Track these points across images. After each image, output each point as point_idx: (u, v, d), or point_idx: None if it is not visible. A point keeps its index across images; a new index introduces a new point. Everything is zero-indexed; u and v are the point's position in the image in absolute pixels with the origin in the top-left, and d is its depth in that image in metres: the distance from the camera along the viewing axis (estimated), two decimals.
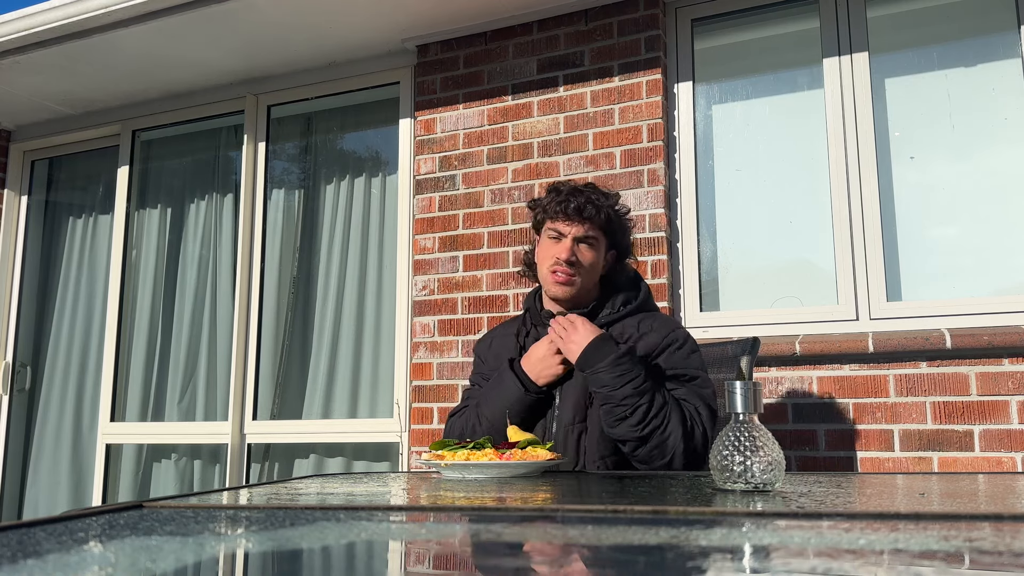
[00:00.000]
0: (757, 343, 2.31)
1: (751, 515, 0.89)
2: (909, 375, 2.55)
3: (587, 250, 1.97)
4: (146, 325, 3.98)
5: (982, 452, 2.46)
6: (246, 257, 3.71)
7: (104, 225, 4.22)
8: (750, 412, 1.15)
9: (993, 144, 2.74)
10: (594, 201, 1.97)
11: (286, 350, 3.71)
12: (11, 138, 4.34)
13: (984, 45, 2.80)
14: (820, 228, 2.87)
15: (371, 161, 3.72)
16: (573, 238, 1.95)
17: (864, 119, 2.82)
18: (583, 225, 1.96)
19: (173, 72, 3.72)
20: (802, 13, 3.02)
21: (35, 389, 4.24)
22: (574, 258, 1.94)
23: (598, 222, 1.97)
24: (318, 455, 3.58)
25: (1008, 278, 2.65)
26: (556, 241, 1.97)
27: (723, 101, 3.09)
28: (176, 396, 3.88)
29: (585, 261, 1.96)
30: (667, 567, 0.63)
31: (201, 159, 4.07)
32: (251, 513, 0.99)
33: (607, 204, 2.00)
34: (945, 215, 2.75)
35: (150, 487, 3.88)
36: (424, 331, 3.22)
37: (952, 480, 1.36)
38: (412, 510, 1.04)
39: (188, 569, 0.66)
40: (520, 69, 3.23)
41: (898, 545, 0.69)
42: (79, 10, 3.25)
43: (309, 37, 3.41)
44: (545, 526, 0.85)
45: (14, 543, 0.73)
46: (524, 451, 1.55)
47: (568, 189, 2.00)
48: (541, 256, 2.01)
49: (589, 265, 1.97)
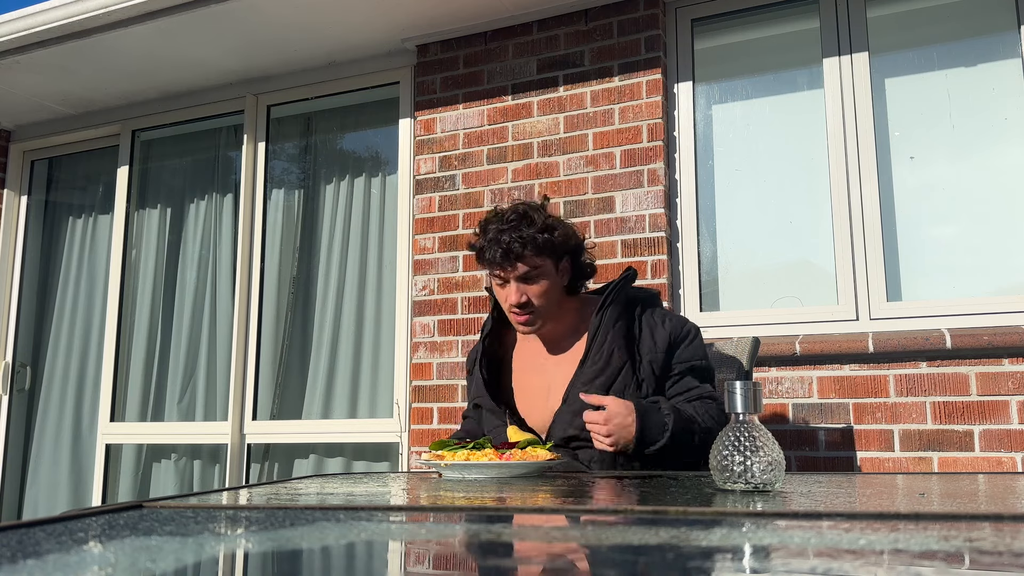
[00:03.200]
0: (757, 343, 2.31)
1: (751, 515, 0.89)
2: (909, 375, 2.55)
3: (534, 284, 1.93)
4: (146, 325, 3.98)
5: (982, 452, 2.46)
6: (246, 257, 3.71)
7: (104, 225, 4.22)
8: (750, 412, 1.15)
9: (993, 144, 2.74)
10: (518, 238, 1.89)
11: (286, 350, 3.71)
12: (11, 138, 4.34)
13: (984, 45, 2.80)
14: (820, 228, 2.87)
15: (371, 161, 3.72)
16: (516, 280, 1.92)
17: (864, 119, 2.82)
18: (519, 264, 1.91)
19: (173, 72, 3.72)
20: (802, 13, 3.02)
21: (35, 389, 4.23)
22: (524, 298, 1.92)
23: (532, 253, 1.91)
24: (318, 455, 3.57)
25: (1008, 278, 2.65)
26: (502, 286, 1.96)
27: (723, 101, 3.09)
28: (176, 396, 3.88)
29: (537, 295, 1.93)
30: (667, 567, 0.63)
31: (201, 159, 4.07)
32: (251, 513, 0.99)
33: (532, 231, 1.91)
34: (945, 215, 2.75)
35: (150, 487, 3.88)
36: (424, 331, 3.21)
37: (952, 480, 1.36)
38: (412, 510, 1.04)
39: (188, 569, 0.66)
40: (520, 69, 3.23)
41: (898, 545, 0.69)
42: (79, 10, 3.25)
43: (309, 37, 3.41)
44: (545, 526, 0.85)
45: (14, 543, 0.73)
46: (524, 451, 1.55)
47: (492, 237, 1.93)
48: (498, 297, 2.00)
49: (543, 295, 1.94)
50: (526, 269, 1.92)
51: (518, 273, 1.92)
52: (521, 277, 1.92)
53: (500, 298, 1.98)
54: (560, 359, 2.01)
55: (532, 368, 2.04)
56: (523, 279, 1.92)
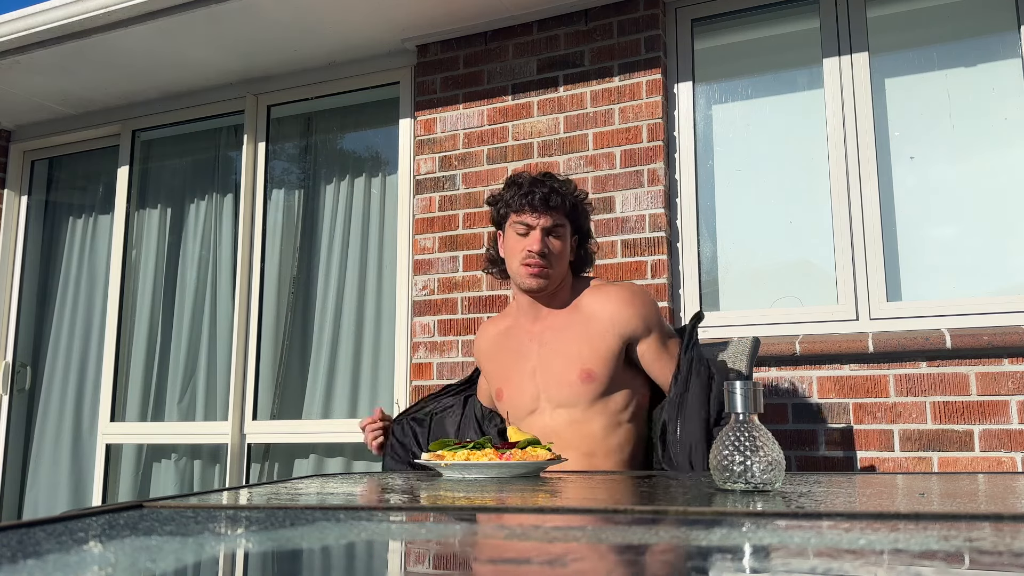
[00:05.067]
0: (757, 343, 2.31)
1: (751, 515, 0.89)
2: (909, 375, 2.55)
3: (556, 239, 1.97)
4: (146, 325, 3.98)
5: (982, 452, 2.46)
6: (246, 257, 3.71)
7: (104, 225, 4.22)
8: (750, 412, 1.15)
9: (993, 144, 2.74)
10: (558, 190, 1.97)
11: (286, 350, 3.71)
12: (11, 138, 4.34)
13: (984, 45, 2.80)
14: (820, 228, 2.87)
15: (371, 161, 3.72)
16: (542, 229, 1.95)
17: (864, 119, 2.82)
18: (550, 215, 1.96)
19: (173, 72, 3.72)
20: (802, 13, 3.02)
21: (35, 389, 4.23)
22: (546, 249, 1.94)
23: (564, 210, 1.98)
24: (318, 455, 3.58)
25: (1008, 278, 2.65)
26: (524, 235, 1.97)
27: (723, 101, 3.09)
28: (176, 396, 3.88)
29: (555, 251, 1.97)
30: (667, 567, 0.63)
31: (201, 159, 4.07)
32: (251, 513, 0.99)
33: (569, 191, 2.00)
34: (945, 215, 2.75)
35: (150, 487, 3.88)
36: (424, 331, 3.22)
37: (952, 480, 1.36)
38: (412, 510, 1.04)
39: (188, 569, 0.66)
40: (520, 69, 3.23)
41: (898, 545, 0.69)
42: (79, 10, 3.25)
43: (309, 37, 3.41)
44: (545, 526, 0.85)
45: (14, 543, 0.73)
46: (524, 451, 1.55)
47: (529, 180, 1.99)
48: (510, 250, 2.00)
49: (559, 254, 1.98)
50: (554, 222, 1.96)
51: (546, 223, 1.96)
52: (547, 229, 1.96)
53: (516, 247, 1.98)
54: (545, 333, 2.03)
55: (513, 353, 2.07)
56: (548, 231, 1.96)
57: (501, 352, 2.11)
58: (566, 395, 1.96)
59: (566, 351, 1.97)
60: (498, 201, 2.05)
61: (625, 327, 1.95)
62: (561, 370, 1.97)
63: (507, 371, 2.07)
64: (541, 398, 2.00)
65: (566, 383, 1.96)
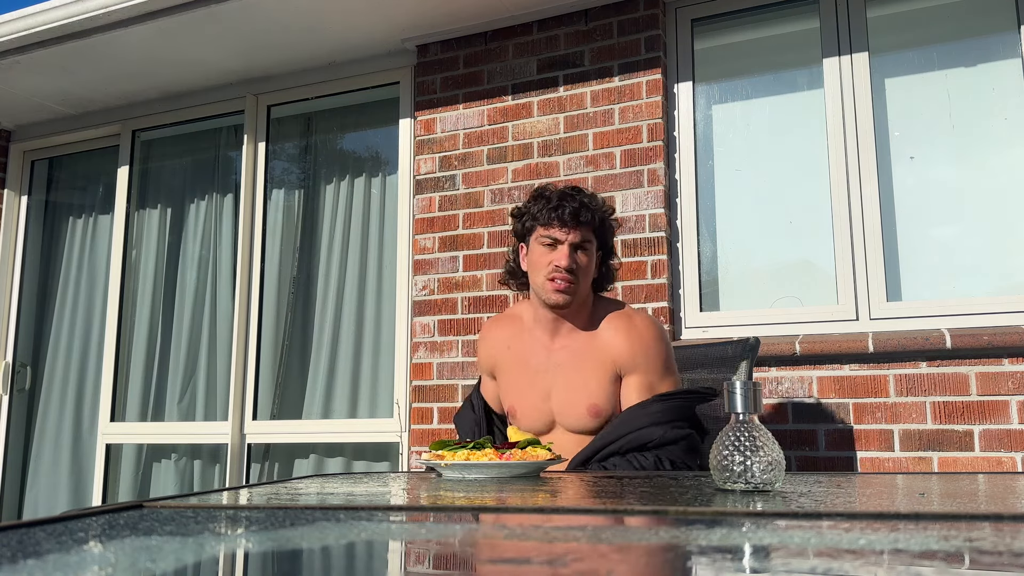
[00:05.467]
0: (757, 343, 2.31)
1: (751, 515, 0.89)
2: (909, 375, 2.55)
3: (583, 255, 1.94)
4: (146, 325, 3.98)
5: (982, 452, 2.46)
6: (246, 257, 3.71)
7: (104, 225, 4.22)
8: (750, 412, 1.15)
9: (993, 144, 2.74)
10: (588, 205, 1.95)
11: (286, 350, 3.71)
12: (11, 138, 4.34)
13: (984, 45, 2.80)
14: (820, 228, 2.87)
15: (371, 161, 3.72)
16: (570, 244, 1.92)
17: (864, 119, 2.82)
18: (579, 230, 1.92)
19: (173, 72, 3.72)
20: (802, 13, 3.02)
21: (35, 389, 4.23)
22: (574, 264, 1.91)
23: (592, 226, 1.95)
24: (318, 455, 3.58)
25: (1008, 278, 2.65)
26: (551, 248, 1.94)
27: (723, 101, 3.09)
28: (176, 396, 3.88)
29: (583, 266, 1.94)
30: (667, 567, 0.63)
31: (201, 159, 4.07)
32: (251, 513, 0.99)
33: (599, 207, 1.98)
34: (945, 215, 2.75)
35: (150, 487, 3.88)
36: (424, 331, 3.22)
37: (952, 480, 1.36)
38: (412, 510, 1.04)
39: (188, 569, 0.66)
40: (520, 69, 3.23)
41: (898, 545, 0.69)
42: (79, 10, 3.25)
43: (309, 37, 3.41)
44: (545, 526, 0.85)
45: (14, 543, 0.73)
46: (524, 451, 1.55)
47: (559, 194, 1.96)
48: (535, 264, 1.97)
49: (586, 270, 1.95)
50: (582, 237, 1.93)
51: (575, 238, 1.93)
52: (576, 244, 1.93)
53: (542, 261, 1.94)
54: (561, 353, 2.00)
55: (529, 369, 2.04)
56: (576, 246, 1.93)
57: (513, 363, 2.07)
58: (576, 424, 1.96)
59: (578, 383, 1.95)
60: (524, 213, 2.01)
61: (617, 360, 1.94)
62: (572, 401, 1.96)
63: (520, 388, 2.04)
64: (556, 422, 2.00)
65: (575, 415, 1.95)
